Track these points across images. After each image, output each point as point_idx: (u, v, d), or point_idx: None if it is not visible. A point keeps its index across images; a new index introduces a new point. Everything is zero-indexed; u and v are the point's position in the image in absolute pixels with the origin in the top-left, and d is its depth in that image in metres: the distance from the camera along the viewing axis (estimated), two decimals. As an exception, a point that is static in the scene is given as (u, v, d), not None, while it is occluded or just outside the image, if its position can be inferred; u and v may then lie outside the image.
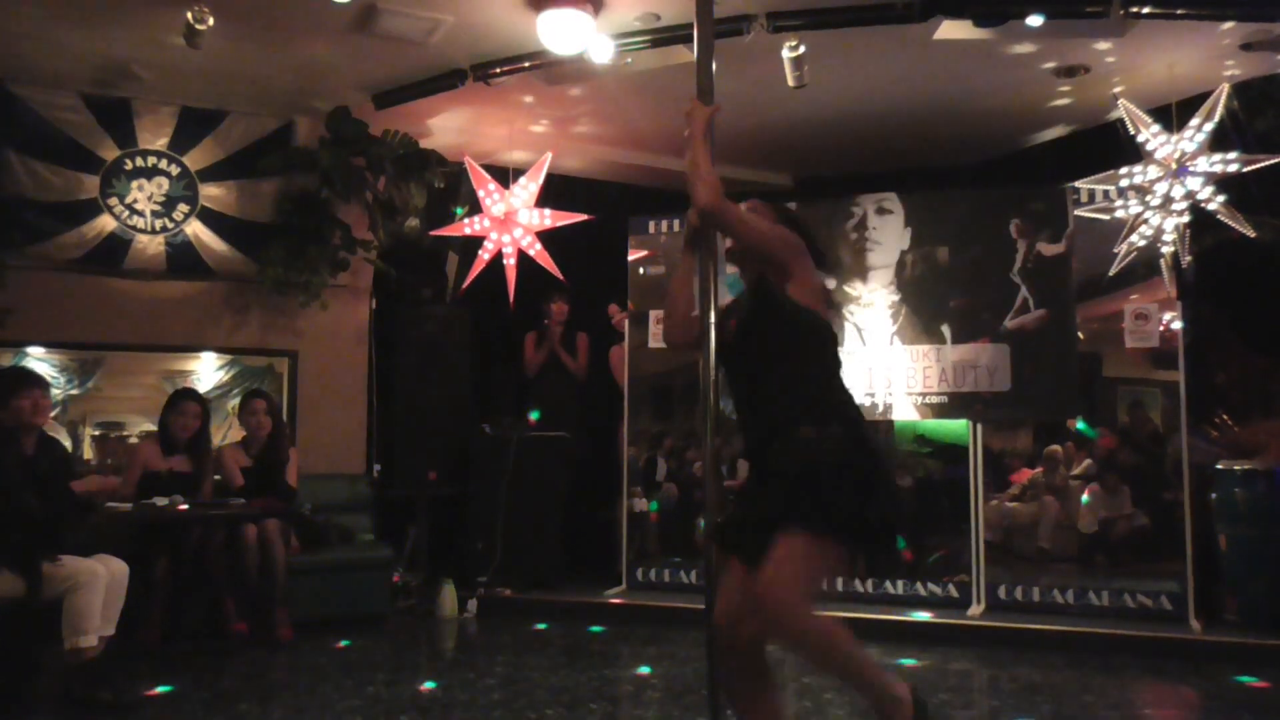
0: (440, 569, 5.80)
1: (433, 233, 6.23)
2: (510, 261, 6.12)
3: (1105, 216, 5.10)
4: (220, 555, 4.78)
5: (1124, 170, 4.97)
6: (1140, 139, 4.92)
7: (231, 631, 4.74)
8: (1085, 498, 5.20)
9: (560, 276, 6.17)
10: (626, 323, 6.05)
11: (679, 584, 5.73)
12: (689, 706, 3.79)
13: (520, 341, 6.53)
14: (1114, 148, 5.24)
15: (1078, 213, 5.15)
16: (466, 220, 6.20)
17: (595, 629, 5.24)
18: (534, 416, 6.23)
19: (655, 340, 5.84)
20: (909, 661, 4.51)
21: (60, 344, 5.66)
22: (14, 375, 4.29)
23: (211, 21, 4.43)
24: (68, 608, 3.72)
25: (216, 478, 5.10)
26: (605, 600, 5.62)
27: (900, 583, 5.35)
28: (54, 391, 5.57)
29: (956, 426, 5.44)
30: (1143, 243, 5.00)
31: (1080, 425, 5.28)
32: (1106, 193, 5.10)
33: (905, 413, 5.38)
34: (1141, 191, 4.95)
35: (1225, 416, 5.39)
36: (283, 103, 5.82)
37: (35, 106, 5.35)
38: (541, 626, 5.29)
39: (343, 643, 4.85)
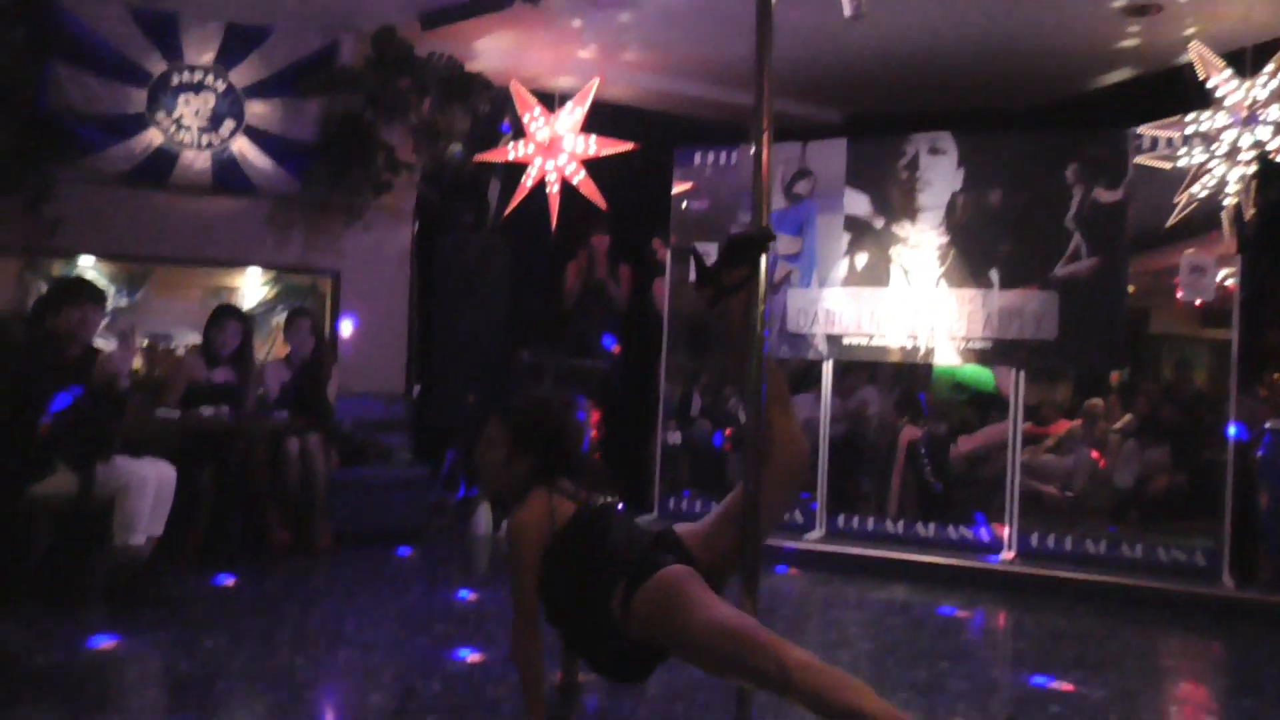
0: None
1: (476, 158, 6.18)
2: (554, 189, 6.07)
3: (1167, 165, 4.92)
4: (263, 467, 4.89)
5: (1190, 116, 4.78)
6: (1210, 84, 4.72)
7: (274, 539, 4.88)
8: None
9: (604, 205, 6.12)
10: (669, 256, 6.00)
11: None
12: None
13: (561, 269, 6.52)
14: (1180, 94, 5.02)
15: (1138, 160, 4.98)
16: (510, 145, 6.14)
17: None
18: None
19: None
20: (951, 610, 4.53)
21: (109, 255, 5.75)
22: (71, 285, 4.36)
23: (262, -68, 4.37)
24: (119, 507, 3.85)
25: (260, 392, 5.19)
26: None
27: (932, 525, 5.36)
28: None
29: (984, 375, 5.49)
30: (1204, 193, 4.83)
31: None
32: (1170, 140, 4.91)
33: (947, 357, 5.31)
34: (1207, 139, 4.76)
35: (1277, 376, 5.27)
36: (328, 20, 5.75)
37: (83, 18, 5.33)
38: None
39: (380, 555, 4.98)
